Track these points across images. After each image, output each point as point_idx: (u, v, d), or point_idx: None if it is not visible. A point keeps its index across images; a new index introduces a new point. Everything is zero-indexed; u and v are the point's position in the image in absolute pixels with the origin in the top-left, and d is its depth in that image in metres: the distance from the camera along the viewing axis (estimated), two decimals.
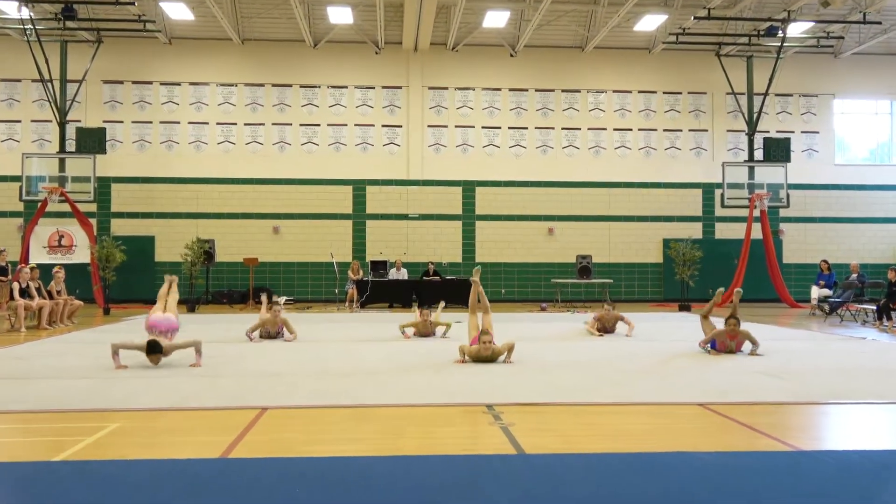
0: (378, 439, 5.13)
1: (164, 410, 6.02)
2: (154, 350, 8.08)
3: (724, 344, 9.64)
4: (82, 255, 19.74)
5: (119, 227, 20.74)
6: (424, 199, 21.80)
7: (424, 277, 20.04)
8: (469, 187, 21.93)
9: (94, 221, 20.25)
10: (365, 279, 19.25)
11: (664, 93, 22.65)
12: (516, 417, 5.71)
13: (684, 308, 18.87)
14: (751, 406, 6.22)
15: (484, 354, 8.57)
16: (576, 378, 7.63)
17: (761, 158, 21.12)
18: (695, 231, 21.98)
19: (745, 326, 10.46)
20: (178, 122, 21.61)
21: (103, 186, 20.86)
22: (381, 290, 19.18)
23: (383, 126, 22.02)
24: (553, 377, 7.68)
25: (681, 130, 22.66)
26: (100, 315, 16.80)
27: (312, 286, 21.33)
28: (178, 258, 19.50)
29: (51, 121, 20.81)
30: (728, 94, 22.26)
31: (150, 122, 21.55)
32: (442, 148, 22.11)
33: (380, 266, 19.99)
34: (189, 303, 17.98)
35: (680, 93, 22.69)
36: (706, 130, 22.71)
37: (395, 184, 21.81)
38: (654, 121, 22.63)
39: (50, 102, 19.72)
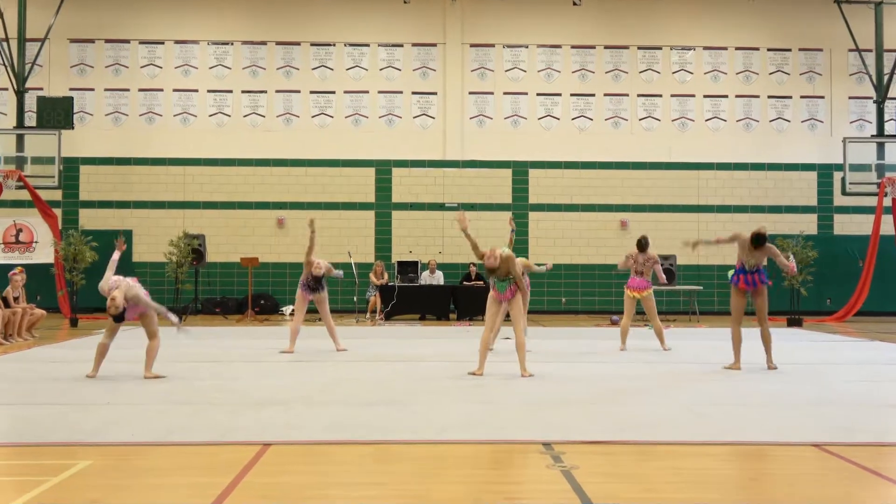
0: (406, 485, 5.15)
1: (144, 445, 6.11)
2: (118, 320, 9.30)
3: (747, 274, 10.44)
4: (44, 253, 20.06)
5: (89, 220, 21.05)
6: (465, 185, 21.81)
7: (464, 282, 20.05)
8: (521, 170, 21.88)
9: (58, 212, 20.58)
10: (391, 284, 19.32)
11: (769, 49, 22.35)
12: (581, 459, 5.69)
13: (795, 323, 18.61)
14: (878, 448, 6.12)
15: (490, 265, 9.38)
16: (653, 409, 7.57)
17: (894, 133, 20.67)
18: (808, 225, 21.65)
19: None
20: (162, 90, 21.89)
21: (70, 169, 21.22)
22: (411, 297, 19.23)
23: (414, 93, 22.06)
24: (625, 408, 7.63)
25: (790, 97, 22.34)
26: (66, 327, 17.10)
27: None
28: (161, 257, 19.76)
29: (6, 89, 21.18)
30: (851, 50, 21.87)
31: (128, 90, 21.86)
32: (487, 121, 22.08)
33: (409, 268, 20.04)
34: (174, 313, 18.14)
35: (789, 49, 22.37)
36: (822, 97, 22.36)
37: (429, 165, 21.85)
38: (757, 85, 22.34)
39: (5, 66, 20.09)
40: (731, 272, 10.89)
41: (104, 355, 9.67)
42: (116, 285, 9.50)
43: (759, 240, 10.47)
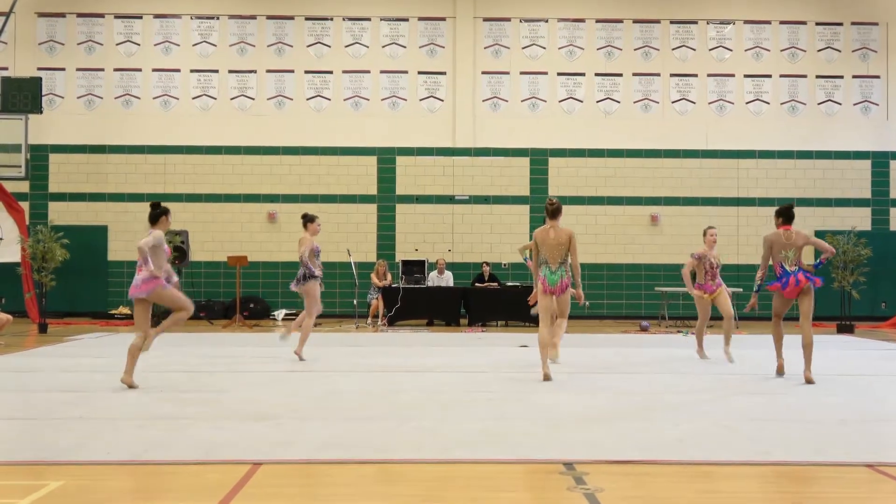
0: None
1: (121, 464, 6.13)
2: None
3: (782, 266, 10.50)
4: (10, 251, 20.14)
5: (60, 214, 21.15)
6: (477, 175, 21.82)
7: (477, 284, 20.05)
8: (539, 158, 21.88)
9: (25, 206, 20.64)
10: (394, 286, 19.33)
11: (818, 24, 22.29)
12: (606, 481, 5.69)
13: (845, 329, 18.56)
14: None
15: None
16: (685, 425, 7.56)
17: None
18: (860, 220, 21.58)
19: None
20: (140, 70, 21.96)
21: (38, 158, 21.33)
22: (417, 300, 19.24)
23: (420, 73, 22.08)
24: (654, 424, 7.62)
25: (841, 77, 22.27)
26: (34, 333, 17.17)
27: (322, 295, 21.43)
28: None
29: None
30: None
31: (102, 70, 21.95)
32: (502, 103, 22.08)
33: (415, 268, 20.04)
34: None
35: (840, 24, 22.31)
36: (877, 77, 22.29)
37: (437, 153, 21.87)
38: (804, 63, 22.28)
39: None
40: (759, 284, 10.92)
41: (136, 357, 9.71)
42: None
43: (788, 214, 10.64)
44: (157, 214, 10.00)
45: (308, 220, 12.88)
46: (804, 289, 10.61)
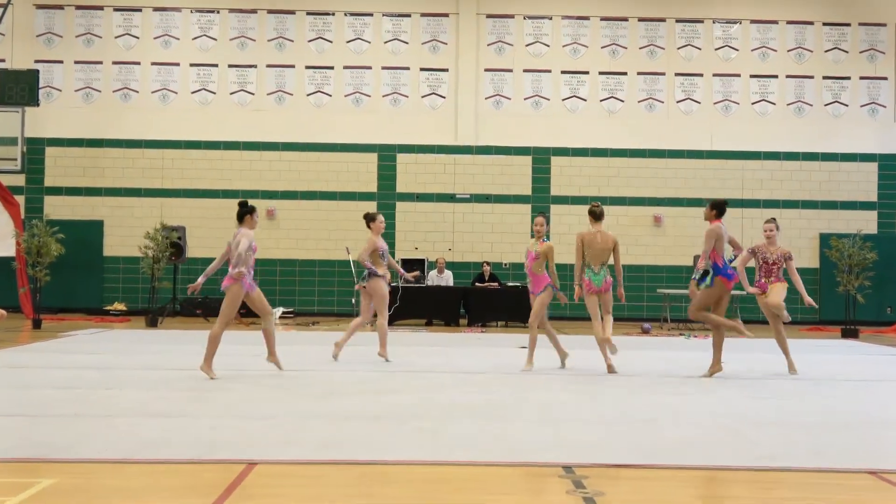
0: None
1: (114, 462, 6.13)
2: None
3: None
4: (5, 245, 20.12)
5: (56, 209, 21.12)
6: (479, 174, 21.82)
7: (477, 283, 20.05)
8: (542, 157, 21.87)
9: (21, 200, 20.70)
10: (393, 285, 19.31)
11: (825, 24, 22.28)
12: (606, 485, 5.69)
13: (850, 334, 18.56)
14: None
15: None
16: (688, 429, 7.57)
17: None
18: (866, 223, 21.57)
19: None
20: (139, 63, 21.96)
21: (34, 151, 21.30)
22: (416, 300, 19.22)
23: (422, 70, 22.08)
24: (656, 427, 7.63)
25: (848, 78, 22.26)
26: (28, 329, 17.17)
27: (320, 294, 21.49)
28: (136, 252, 19.78)
29: None
30: None
31: (100, 63, 21.94)
32: (504, 101, 22.08)
33: (415, 267, 20.01)
34: (150, 314, 18.28)
35: (848, 24, 22.30)
36: (885, 79, 22.28)
37: (438, 151, 21.86)
38: (810, 64, 22.26)
39: None
40: (699, 274, 11.18)
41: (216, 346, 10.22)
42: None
43: (724, 209, 11.30)
44: (244, 213, 10.56)
45: (370, 219, 12.83)
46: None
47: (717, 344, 11.17)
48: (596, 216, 11.67)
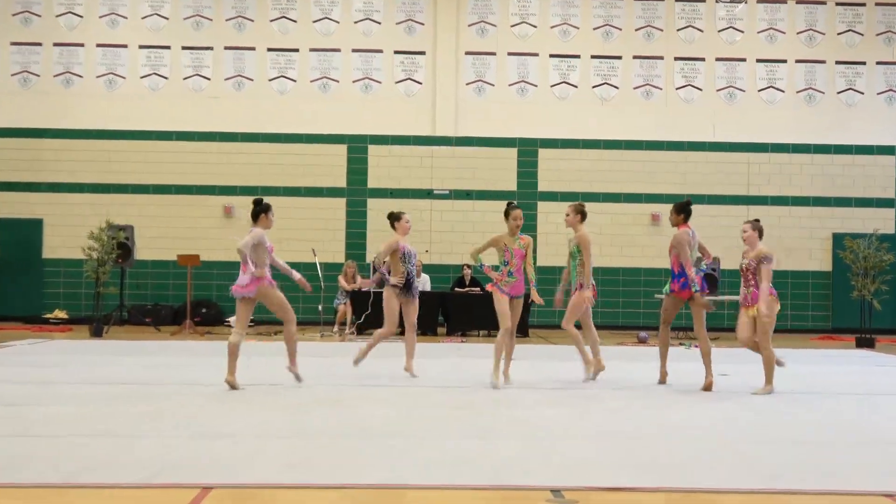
0: None
1: (56, 487, 6.10)
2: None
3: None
4: None
5: None
6: (458, 168, 21.83)
7: (457, 288, 20.06)
8: (529, 149, 21.91)
9: None
10: (364, 290, 19.32)
11: (837, 4, 22.42)
12: None
13: (865, 343, 18.61)
14: None
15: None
16: (686, 447, 7.60)
17: None
18: (883, 222, 21.70)
19: None
20: (82, 45, 21.86)
21: None
22: None
23: (397, 53, 22.08)
24: (652, 445, 7.66)
25: (864, 63, 22.41)
26: None
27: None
28: (79, 253, 19.64)
29: None
30: None
31: (40, 45, 21.83)
32: (487, 88, 22.11)
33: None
34: (95, 323, 18.20)
35: (863, 4, 22.45)
36: None
37: (414, 142, 21.88)
38: (822, 48, 22.40)
39: None
40: (668, 285, 11.55)
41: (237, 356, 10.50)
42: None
43: (690, 211, 11.72)
44: (258, 211, 10.88)
45: (395, 218, 12.65)
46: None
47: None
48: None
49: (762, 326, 10.60)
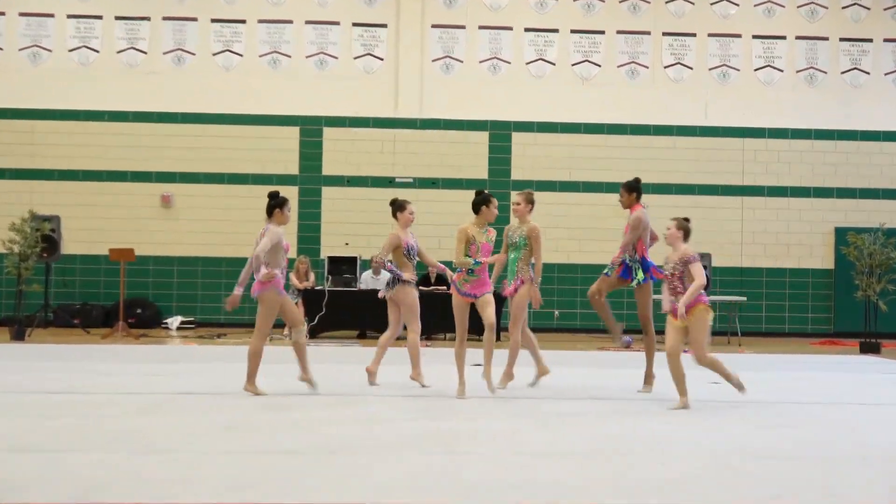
0: None
1: None
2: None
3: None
4: None
5: None
6: (423, 153, 21.82)
7: (421, 287, 20.05)
8: (501, 133, 21.92)
9: None
10: (318, 288, 19.27)
11: None
12: None
13: (870, 348, 18.73)
14: None
15: None
16: (677, 463, 7.61)
17: None
18: (890, 215, 21.82)
19: None
20: (3, 14, 21.68)
21: None
22: (347, 306, 19.12)
23: (355, 25, 22.03)
24: (640, 462, 7.66)
25: (870, 41, 22.56)
26: None
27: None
28: None
29: None
30: None
31: None
32: (455, 65, 22.09)
33: (344, 266, 19.99)
34: (16, 324, 18.04)
35: None
36: None
37: (374, 125, 21.84)
38: (824, 23, 22.53)
39: None
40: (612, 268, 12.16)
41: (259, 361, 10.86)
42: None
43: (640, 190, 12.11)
44: (273, 206, 10.77)
45: (398, 207, 12.70)
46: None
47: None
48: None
49: (694, 336, 10.35)
